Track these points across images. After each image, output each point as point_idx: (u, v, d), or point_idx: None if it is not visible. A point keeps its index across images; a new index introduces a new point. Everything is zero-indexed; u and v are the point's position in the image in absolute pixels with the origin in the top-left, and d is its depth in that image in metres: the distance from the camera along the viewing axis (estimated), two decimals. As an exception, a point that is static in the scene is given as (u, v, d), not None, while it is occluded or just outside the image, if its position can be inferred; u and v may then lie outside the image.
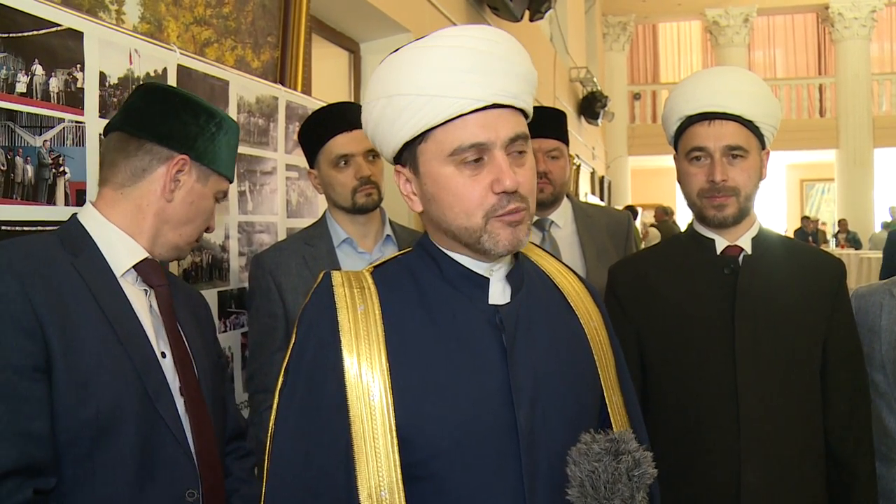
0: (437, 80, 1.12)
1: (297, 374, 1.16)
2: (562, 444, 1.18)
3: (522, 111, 1.20)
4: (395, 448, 1.10)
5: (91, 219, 1.45)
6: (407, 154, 1.19)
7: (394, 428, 1.10)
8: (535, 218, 2.57)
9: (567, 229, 2.62)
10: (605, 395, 1.31)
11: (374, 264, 1.28)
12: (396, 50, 1.19)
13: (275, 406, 1.18)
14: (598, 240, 2.60)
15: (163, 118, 1.49)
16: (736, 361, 1.69)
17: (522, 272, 1.28)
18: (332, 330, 1.15)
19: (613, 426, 1.31)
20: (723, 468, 1.68)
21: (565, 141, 2.60)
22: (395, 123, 1.16)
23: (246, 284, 2.35)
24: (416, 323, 1.18)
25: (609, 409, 1.32)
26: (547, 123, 2.52)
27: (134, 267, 1.46)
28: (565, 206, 2.65)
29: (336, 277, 1.21)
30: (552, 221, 2.61)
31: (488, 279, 1.22)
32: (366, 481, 1.09)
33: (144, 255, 1.47)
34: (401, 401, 1.12)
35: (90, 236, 1.43)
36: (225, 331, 2.33)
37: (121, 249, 1.44)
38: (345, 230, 2.18)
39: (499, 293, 1.23)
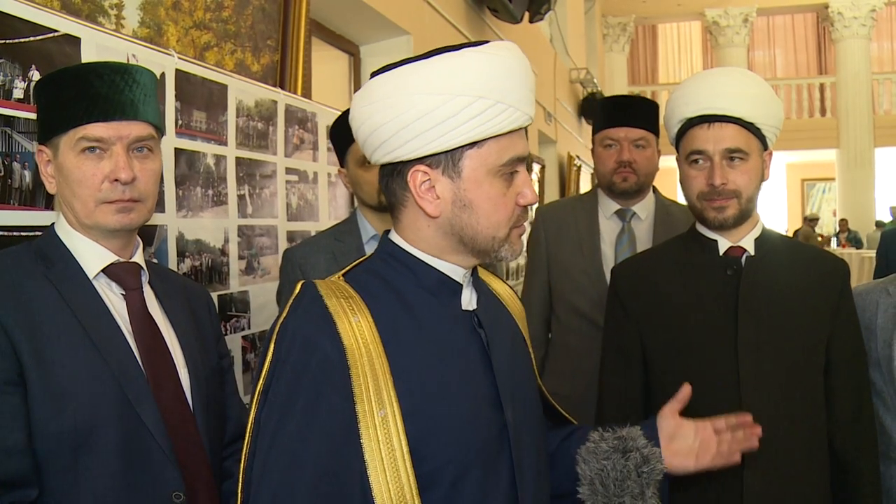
0: (513, 90, 1.14)
1: (293, 394, 1.10)
2: (534, 436, 1.28)
3: None
4: (408, 460, 1.09)
5: (62, 228, 1.46)
6: (444, 157, 1.16)
7: (404, 440, 1.09)
8: (618, 207, 2.58)
9: (646, 222, 2.60)
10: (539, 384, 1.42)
11: (342, 272, 1.25)
12: (439, 51, 1.15)
13: (248, 433, 1.13)
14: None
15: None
16: (739, 363, 1.68)
17: (479, 279, 1.32)
18: (334, 343, 1.11)
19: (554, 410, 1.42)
20: (725, 469, 1.66)
21: (654, 131, 2.56)
22: (445, 123, 1.12)
23: (246, 288, 2.35)
24: (406, 331, 1.17)
25: (544, 397, 1.42)
26: (634, 112, 2.54)
27: (104, 271, 1.45)
28: (649, 199, 2.62)
29: (322, 287, 1.18)
30: (634, 213, 2.59)
31: (461, 285, 1.24)
32: (382, 498, 1.07)
33: (112, 258, 1.45)
34: (408, 412, 1.11)
35: (65, 245, 1.43)
36: (225, 334, 2.33)
37: (89, 255, 1.44)
38: (373, 227, 2.20)
39: (467, 299, 1.26)
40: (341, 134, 2.19)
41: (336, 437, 1.09)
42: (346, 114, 2.19)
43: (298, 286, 1.19)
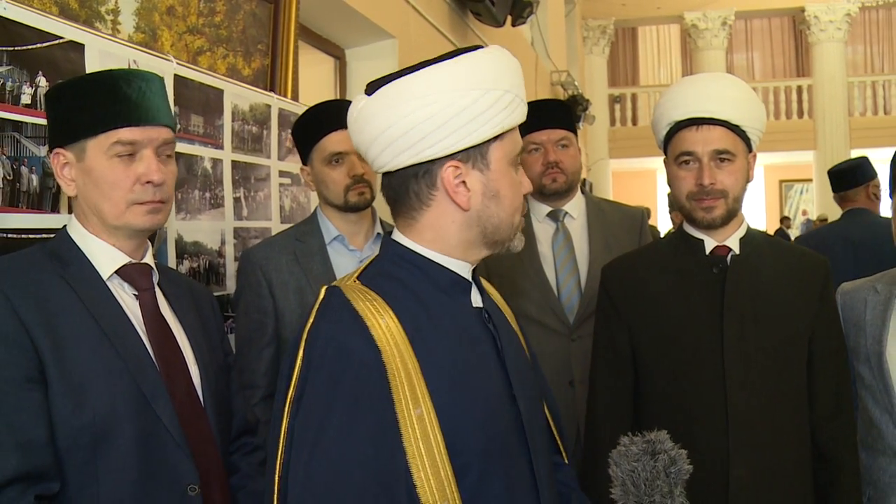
0: (521, 85, 1.25)
1: (331, 401, 1.11)
2: (543, 433, 1.33)
3: None
4: (445, 454, 1.12)
5: (75, 230, 1.49)
6: (473, 151, 1.21)
7: (440, 435, 1.12)
8: (550, 209, 2.60)
9: (579, 221, 2.63)
10: None
11: (355, 276, 1.27)
12: (475, 47, 1.22)
13: (281, 443, 1.13)
14: (608, 234, 2.60)
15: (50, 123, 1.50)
16: (724, 358, 1.73)
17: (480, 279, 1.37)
18: (369, 346, 1.12)
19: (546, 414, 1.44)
20: (711, 463, 1.71)
21: (573, 130, 2.62)
22: (480, 117, 1.18)
23: (242, 289, 2.37)
24: (428, 330, 1.20)
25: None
26: (552, 114, 2.58)
27: (118, 272, 1.48)
28: (579, 199, 2.65)
29: (349, 292, 1.19)
30: (566, 212, 2.61)
31: (471, 283, 1.29)
32: (426, 494, 1.10)
33: (125, 259, 1.49)
34: (440, 408, 1.14)
35: (78, 247, 1.47)
36: (222, 335, 2.35)
37: (102, 257, 1.47)
38: (336, 227, 2.19)
39: (476, 296, 1.30)
40: (307, 130, 2.18)
41: (379, 439, 1.10)
42: (311, 110, 2.20)
43: (323, 291, 1.21)
